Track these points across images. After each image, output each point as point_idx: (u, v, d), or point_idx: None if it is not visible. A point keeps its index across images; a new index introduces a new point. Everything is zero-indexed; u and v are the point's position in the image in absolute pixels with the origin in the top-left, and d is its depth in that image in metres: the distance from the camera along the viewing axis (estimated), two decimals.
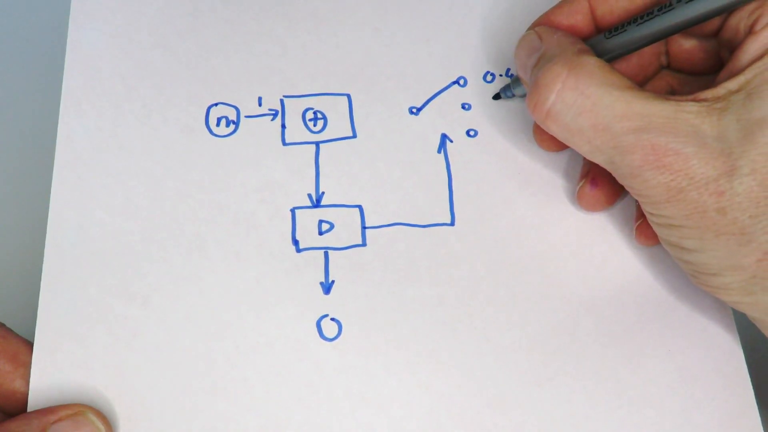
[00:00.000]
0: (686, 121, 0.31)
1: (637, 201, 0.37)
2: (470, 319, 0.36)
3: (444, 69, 0.41)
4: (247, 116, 0.39)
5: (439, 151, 0.39)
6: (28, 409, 0.34)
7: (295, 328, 0.35)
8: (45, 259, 0.36)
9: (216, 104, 0.40)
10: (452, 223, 0.38)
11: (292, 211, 0.38)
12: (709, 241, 0.31)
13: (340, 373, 0.35)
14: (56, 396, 0.34)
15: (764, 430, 0.34)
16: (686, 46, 0.37)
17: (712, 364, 0.35)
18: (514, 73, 0.40)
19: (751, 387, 0.35)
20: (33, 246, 0.39)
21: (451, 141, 0.39)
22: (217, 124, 0.39)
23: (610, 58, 0.35)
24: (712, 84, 0.32)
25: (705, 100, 0.31)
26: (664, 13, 0.33)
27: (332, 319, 0.36)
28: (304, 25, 0.41)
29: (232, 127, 0.39)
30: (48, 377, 0.34)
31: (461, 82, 0.41)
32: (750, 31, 0.32)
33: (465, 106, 0.40)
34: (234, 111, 0.40)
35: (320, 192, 0.38)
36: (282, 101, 0.40)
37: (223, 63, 0.40)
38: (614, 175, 0.33)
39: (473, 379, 0.35)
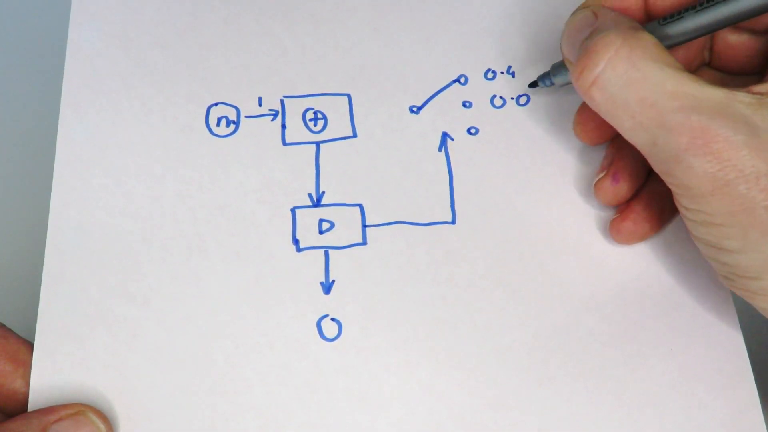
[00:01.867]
0: (739, 109, 0.29)
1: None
2: (471, 318, 0.36)
3: (444, 67, 0.41)
4: (247, 116, 0.39)
5: (439, 150, 0.39)
6: (29, 409, 0.34)
7: (296, 328, 0.35)
8: (45, 259, 0.36)
9: (216, 104, 0.40)
10: (453, 222, 0.38)
11: (293, 210, 0.38)
12: (754, 242, 0.29)
13: (340, 373, 0.35)
14: (56, 396, 0.34)
15: (767, 429, 0.34)
16: (733, 41, 0.35)
17: (714, 362, 0.35)
18: (519, 77, 0.40)
19: (754, 385, 0.35)
20: (33, 246, 0.39)
21: (452, 139, 0.39)
22: (218, 124, 0.39)
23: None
24: (759, 81, 0.31)
25: (759, 93, 0.30)
26: (726, 1, 0.31)
27: (332, 320, 0.36)
28: (303, 26, 0.41)
29: (232, 127, 0.39)
30: (48, 377, 0.34)
31: (462, 80, 0.40)
32: None
33: (466, 104, 0.40)
34: (234, 111, 0.39)
35: (320, 191, 0.38)
36: (282, 101, 0.40)
37: (223, 63, 0.40)
38: (652, 161, 0.31)
39: (473, 379, 0.35)
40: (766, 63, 0.35)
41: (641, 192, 0.37)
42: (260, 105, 0.40)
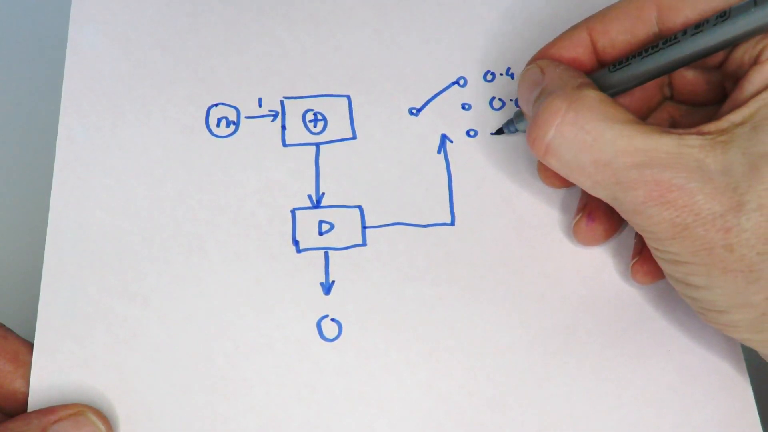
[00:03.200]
0: (690, 155, 0.30)
1: (635, 237, 0.37)
2: (470, 318, 0.36)
3: (444, 69, 0.41)
4: (247, 117, 0.39)
5: (439, 152, 0.39)
6: (28, 409, 0.34)
7: (296, 329, 0.35)
8: (45, 259, 0.36)
9: (216, 105, 0.40)
10: (452, 223, 0.38)
11: (293, 211, 0.38)
12: (716, 279, 0.30)
13: (340, 373, 0.35)
14: (56, 396, 0.34)
15: (763, 429, 0.34)
16: (689, 77, 0.36)
17: (711, 364, 0.35)
18: (515, 107, 0.40)
19: (750, 387, 0.35)
20: (33, 246, 0.39)
21: (451, 141, 0.39)
22: (218, 125, 0.39)
23: (615, 92, 0.34)
24: (715, 116, 0.31)
25: (708, 133, 0.30)
26: (669, 46, 0.32)
27: (332, 320, 0.36)
28: (304, 27, 0.41)
29: (232, 127, 0.39)
30: (48, 377, 0.34)
31: (461, 82, 0.41)
32: (755, 62, 0.31)
33: (465, 107, 0.40)
34: (234, 112, 0.40)
35: (320, 193, 0.38)
36: (282, 102, 0.40)
37: (223, 64, 0.40)
38: (618, 210, 0.32)
39: (473, 379, 0.35)
40: (721, 97, 0.35)
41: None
42: (260, 106, 0.40)
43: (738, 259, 0.29)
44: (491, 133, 0.40)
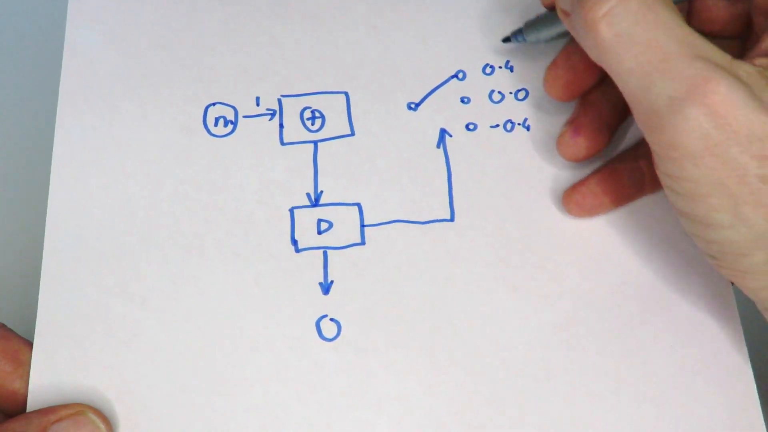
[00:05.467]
0: (743, 70, 0.28)
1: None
2: (470, 316, 0.36)
3: (442, 63, 0.41)
4: (245, 116, 0.39)
5: (438, 146, 0.39)
6: (28, 409, 0.34)
7: (294, 329, 0.35)
8: (44, 259, 0.36)
9: (214, 104, 0.40)
10: (452, 219, 0.38)
11: (291, 210, 0.38)
12: (745, 215, 0.28)
13: (339, 373, 0.35)
14: (56, 396, 0.34)
15: (766, 424, 0.34)
16: (710, 3, 0.35)
17: (714, 358, 0.35)
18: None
19: (753, 381, 0.35)
20: (32, 246, 0.39)
21: (451, 135, 0.39)
22: (215, 124, 0.39)
23: None
24: (734, 50, 0.30)
25: (762, 66, 0.29)
26: None
27: (331, 320, 0.36)
28: (300, 24, 0.41)
29: (230, 127, 0.39)
30: (47, 377, 0.34)
31: (460, 75, 0.40)
32: None
33: (464, 100, 0.40)
34: (232, 111, 0.39)
35: (319, 191, 0.38)
36: (280, 101, 0.40)
37: (220, 63, 0.40)
38: (639, 113, 0.30)
39: (473, 377, 0.35)
40: (745, 28, 0.34)
41: (600, 168, 0.37)
42: (258, 105, 0.40)
43: None
44: (502, 41, 0.39)
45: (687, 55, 0.28)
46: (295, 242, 0.37)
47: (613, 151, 0.39)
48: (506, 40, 0.39)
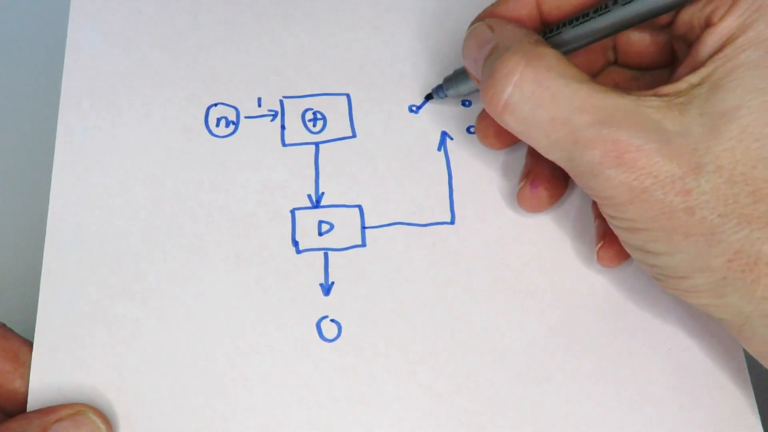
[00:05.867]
0: (648, 116, 0.29)
1: (595, 221, 0.37)
2: (469, 318, 0.36)
3: (444, 66, 0.41)
4: (246, 117, 0.39)
5: (439, 149, 0.39)
6: (28, 409, 0.34)
7: (295, 329, 0.36)
8: (44, 258, 0.36)
9: (215, 104, 0.40)
10: (452, 222, 0.38)
11: (292, 212, 0.38)
12: (677, 244, 0.30)
13: (339, 373, 0.35)
14: (56, 396, 0.34)
15: (763, 428, 0.34)
16: (636, 39, 0.35)
17: (711, 362, 0.35)
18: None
19: (750, 385, 0.35)
20: (33, 246, 0.39)
21: (452, 138, 0.39)
22: (217, 125, 0.39)
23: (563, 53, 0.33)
24: (664, 79, 0.31)
25: (666, 94, 0.30)
26: (624, 5, 0.32)
27: (332, 321, 0.36)
28: (303, 26, 0.41)
29: (231, 127, 0.39)
30: (47, 377, 0.34)
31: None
32: (707, 24, 0.31)
33: (465, 103, 0.40)
34: (233, 111, 0.39)
35: (320, 192, 0.38)
36: (281, 102, 0.40)
37: (223, 63, 0.40)
38: (572, 175, 0.32)
39: (472, 379, 0.35)
40: (673, 57, 0.35)
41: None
42: (260, 105, 0.40)
43: (699, 222, 0.29)
44: (424, 97, 0.40)
45: (591, 123, 0.30)
46: (296, 243, 0.37)
47: None
48: (428, 96, 0.40)
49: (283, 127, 0.39)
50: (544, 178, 0.36)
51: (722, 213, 0.29)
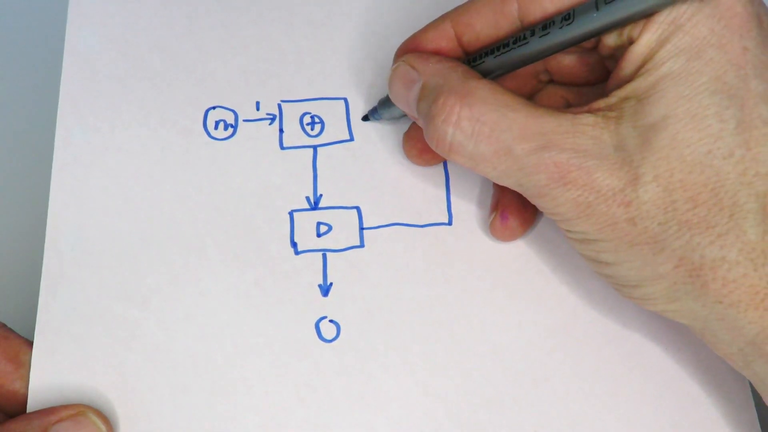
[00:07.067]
0: (585, 133, 0.30)
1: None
2: (468, 319, 0.36)
3: None
4: (245, 120, 0.40)
5: None
6: (28, 410, 0.34)
7: (294, 330, 0.36)
8: (44, 260, 0.36)
9: (214, 107, 0.40)
10: (449, 223, 0.38)
11: (291, 213, 0.38)
12: (624, 253, 0.31)
13: (338, 374, 0.35)
14: (56, 396, 0.34)
15: (761, 427, 0.34)
16: (566, 62, 0.36)
17: (709, 361, 0.35)
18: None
19: (748, 385, 0.35)
20: (33, 247, 0.39)
21: None
22: (215, 128, 0.39)
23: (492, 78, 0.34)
24: (603, 93, 0.32)
25: (599, 109, 0.31)
26: (541, 37, 0.32)
27: (331, 321, 0.36)
28: (301, 30, 0.41)
29: (230, 130, 0.39)
30: (47, 377, 0.34)
31: None
32: (629, 41, 0.31)
33: None
34: (232, 114, 0.40)
35: (318, 194, 0.38)
36: (279, 106, 0.40)
37: (221, 66, 0.41)
38: (526, 196, 0.33)
39: (471, 379, 0.35)
40: (605, 74, 0.35)
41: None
42: (258, 109, 0.40)
43: (641, 231, 0.30)
44: (361, 119, 0.40)
45: (532, 150, 0.30)
46: (294, 244, 0.37)
47: None
48: (365, 118, 0.40)
49: (281, 131, 0.39)
50: (513, 208, 0.37)
51: (662, 221, 0.30)
